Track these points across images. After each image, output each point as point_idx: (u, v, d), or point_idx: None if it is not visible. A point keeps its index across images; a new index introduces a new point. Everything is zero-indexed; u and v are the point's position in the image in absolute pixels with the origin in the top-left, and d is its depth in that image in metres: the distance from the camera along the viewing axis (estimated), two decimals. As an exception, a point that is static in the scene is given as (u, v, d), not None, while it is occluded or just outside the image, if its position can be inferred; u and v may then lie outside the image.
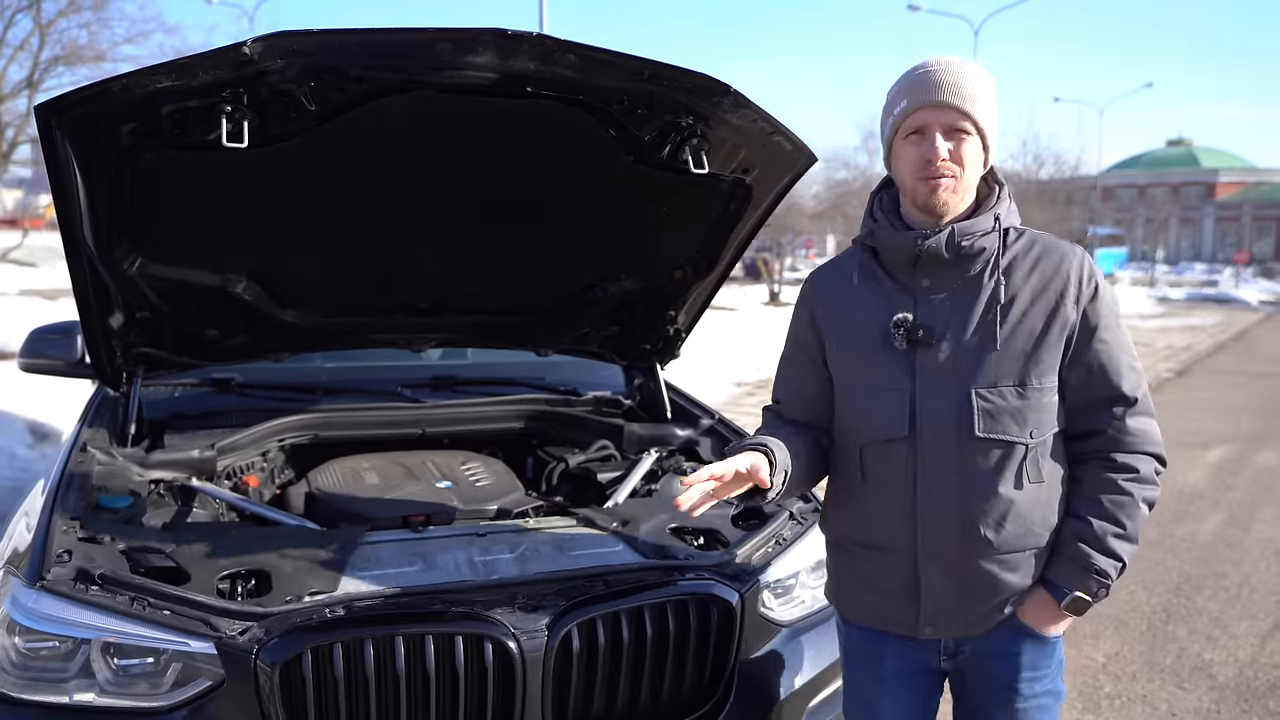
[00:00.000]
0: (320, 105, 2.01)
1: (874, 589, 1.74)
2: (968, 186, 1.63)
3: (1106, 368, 1.63)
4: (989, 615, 1.68)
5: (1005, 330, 1.60)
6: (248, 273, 2.58)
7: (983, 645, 1.71)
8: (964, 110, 1.58)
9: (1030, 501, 1.63)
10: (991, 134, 1.64)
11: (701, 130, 2.23)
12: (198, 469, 2.55)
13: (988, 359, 1.60)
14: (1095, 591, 1.64)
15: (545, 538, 2.23)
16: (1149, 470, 1.65)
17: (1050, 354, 1.61)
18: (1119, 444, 1.64)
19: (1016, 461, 1.61)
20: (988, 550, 1.63)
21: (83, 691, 1.74)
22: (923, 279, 1.65)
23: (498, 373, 3.37)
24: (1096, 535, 1.62)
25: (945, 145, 1.58)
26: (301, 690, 1.73)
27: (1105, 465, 1.65)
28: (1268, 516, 5.75)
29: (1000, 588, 1.66)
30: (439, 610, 1.83)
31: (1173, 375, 12.06)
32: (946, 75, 1.59)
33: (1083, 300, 1.62)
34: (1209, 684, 3.55)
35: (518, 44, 1.89)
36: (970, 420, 1.60)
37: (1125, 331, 1.67)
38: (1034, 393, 1.61)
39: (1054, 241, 1.68)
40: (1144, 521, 1.66)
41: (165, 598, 1.79)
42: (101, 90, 1.86)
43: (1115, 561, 1.63)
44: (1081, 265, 1.64)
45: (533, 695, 1.81)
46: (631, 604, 1.92)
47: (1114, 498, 1.63)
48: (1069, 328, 1.62)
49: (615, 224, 2.67)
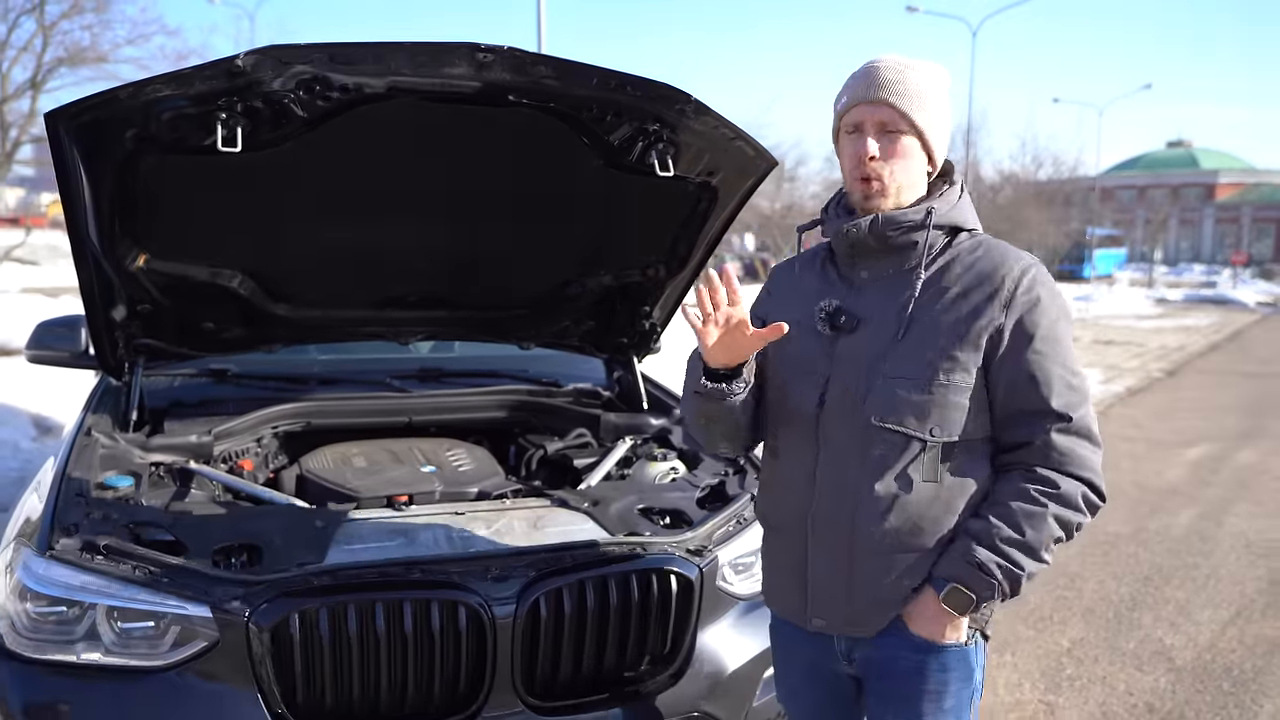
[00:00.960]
0: (309, 112, 2.16)
1: (775, 569, 1.76)
2: (901, 185, 1.61)
3: (1037, 379, 1.55)
4: (871, 614, 1.63)
5: (922, 324, 1.57)
6: (242, 268, 2.74)
7: (876, 653, 1.65)
8: (899, 109, 1.56)
9: (920, 500, 1.57)
10: (934, 135, 1.60)
11: (667, 136, 2.38)
12: (195, 453, 2.70)
13: (898, 350, 1.58)
14: (975, 588, 1.54)
15: (520, 516, 2.38)
16: (1072, 490, 1.55)
17: (965, 354, 1.56)
18: (1045, 459, 1.56)
19: (911, 456, 1.57)
20: (869, 542, 1.59)
21: (89, 652, 1.89)
22: (861, 270, 1.66)
23: (483, 365, 3.52)
24: (988, 531, 1.55)
25: (875, 144, 1.57)
26: (290, 650, 1.88)
27: (1023, 475, 1.57)
28: (1242, 511, 5.88)
29: (882, 585, 1.60)
30: (417, 579, 1.97)
31: (1163, 375, 12.17)
32: (888, 73, 1.57)
33: (1017, 307, 1.55)
34: (1167, 666, 3.70)
35: (490, 56, 2.04)
36: (872, 408, 1.58)
37: (1070, 349, 1.59)
38: (939, 389, 1.55)
39: (1003, 248, 1.62)
40: (1052, 538, 1.55)
41: (165, 567, 1.93)
42: (107, 99, 2.01)
43: (1001, 560, 1.53)
44: (1022, 273, 1.57)
45: (503, 656, 1.96)
46: (596, 574, 2.07)
47: (1021, 505, 1.54)
48: (991, 330, 1.55)
49: (591, 224, 2.82)
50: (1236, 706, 3.38)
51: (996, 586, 1.54)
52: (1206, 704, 3.40)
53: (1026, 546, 1.54)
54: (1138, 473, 6.86)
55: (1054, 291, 1.59)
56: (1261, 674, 3.63)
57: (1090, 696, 3.45)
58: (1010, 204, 31.06)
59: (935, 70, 1.63)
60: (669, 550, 2.19)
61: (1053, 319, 1.57)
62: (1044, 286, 1.58)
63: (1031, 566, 1.55)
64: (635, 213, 2.74)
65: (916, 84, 1.58)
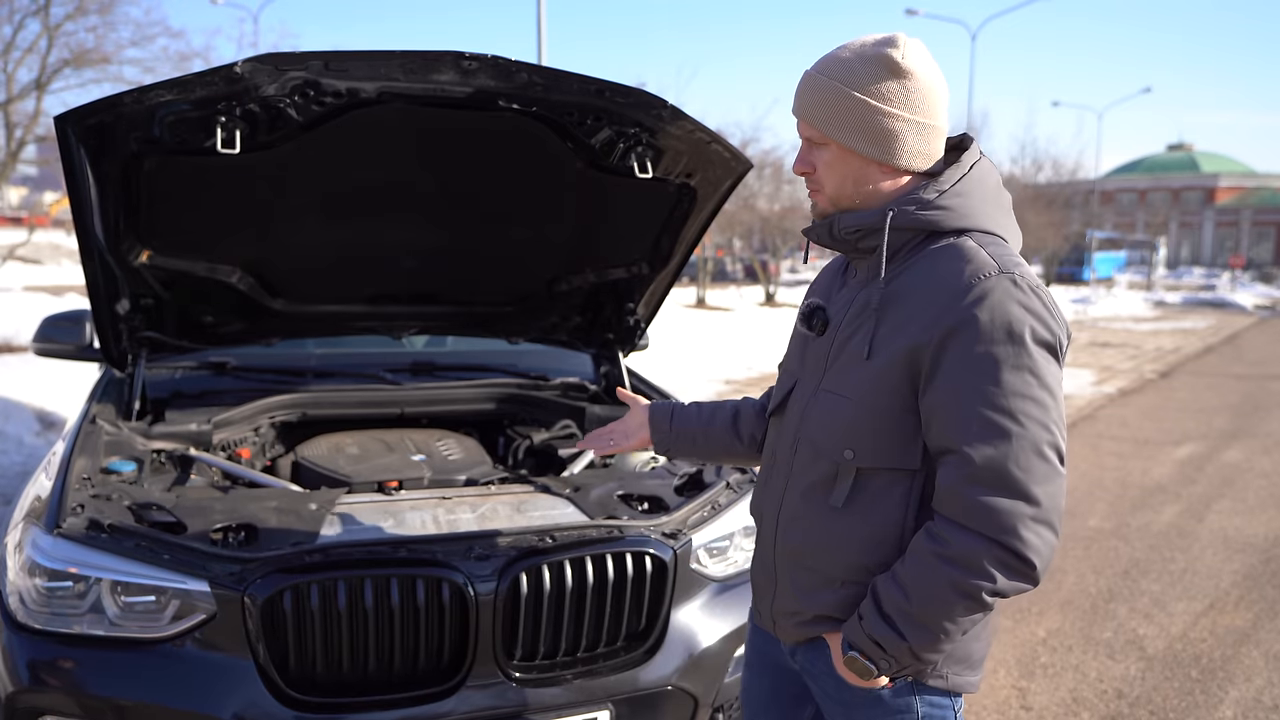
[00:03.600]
0: (304, 116, 2.28)
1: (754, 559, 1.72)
2: (842, 192, 1.49)
3: (951, 412, 1.34)
4: (788, 622, 1.58)
5: (858, 337, 1.47)
6: (241, 264, 2.86)
7: (808, 663, 1.59)
8: (804, 120, 1.49)
9: (827, 524, 1.47)
10: (855, 139, 1.43)
11: (646, 140, 2.50)
12: (195, 441, 2.82)
13: (839, 362, 1.49)
14: (875, 661, 1.39)
15: (504, 501, 2.49)
16: (968, 552, 1.31)
17: (895, 374, 1.39)
18: (948, 509, 1.34)
19: (824, 475, 1.48)
20: (784, 552, 1.56)
21: (94, 625, 2.00)
22: (854, 270, 1.58)
23: (473, 359, 3.63)
24: (881, 598, 1.39)
25: (802, 156, 1.52)
26: (283, 622, 1.99)
27: (927, 528, 1.38)
28: (1223, 508, 5.98)
29: (794, 597, 1.55)
30: (403, 557, 2.08)
31: (1157, 376, 12.26)
32: (801, 85, 1.49)
33: (952, 326, 1.34)
34: (1139, 655, 3.81)
35: (475, 64, 2.16)
36: (804, 417, 1.54)
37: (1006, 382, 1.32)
38: (863, 410, 1.42)
39: (969, 258, 1.38)
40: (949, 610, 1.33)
41: (165, 545, 2.03)
42: (113, 103, 2.13)
43: (896, 638, 1.36)
44: (970, 287, 1.34)
45: (485, 631, 2.06)
46: (574, 555, 2.17)
47: (914, 568, 1.36)
48: (925, 351, 1.36)
49: (577, 223, 2.94)
50: (1203, 693, 3.49)
51: (894, 664, 1.39)
52: (1174, 690, 3.51)
53: (916, 621, 1.35)
54: (1124, 470, 6.97)
55: (1006, 313, 1.32)
56: (1229, 662, 3.74)
57: (1062, 683, 3.56)
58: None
59: (840, 75, 1.42)
60: (645, 533, 2.29)
61: (991, 342, 1.32)
62: (995, 306, 1.32)
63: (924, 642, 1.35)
64: (619, 213, 2.86)
65: (812, 95, 1.45)
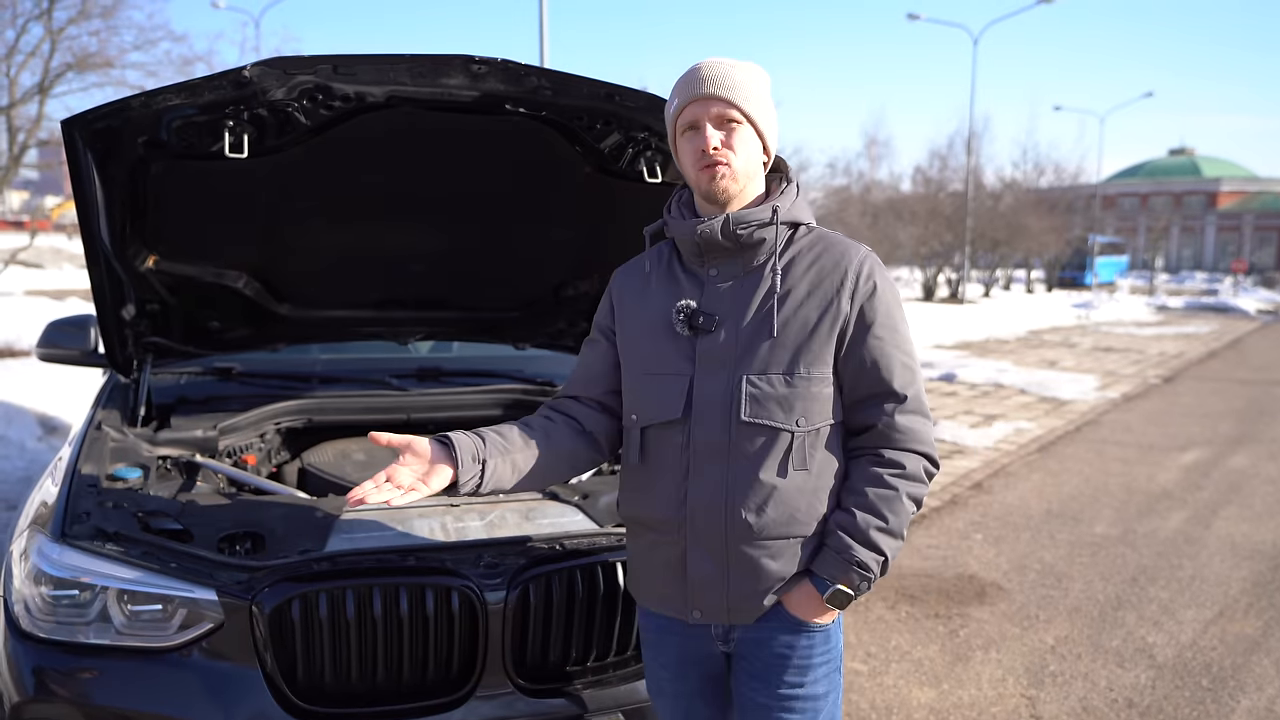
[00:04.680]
0: (312, 120, 2.26)
1: (651, 568, 1.78)
2: (747, 174, 1.68)
3: (879, 363, 1.66)
4: (752, 602, 1.70)
5: (780, 320, 1.65)
6: (247, 269, 2.84)
7: (752, 633, 1.72)
8: (729, 100, 1.63)
9: (794, 489, 1.65)
10: (765, 124, 1.68)
11: (655, 144, 2.48)
12: (201, 447, 2.80)
13: (761, 347, 1.65)
14: (857, 584, 1.65)
15: (512, 508, 2.47)
16: (916, 467, 1.67)
17: (821, 345, 1.65)
18: (889, 440, 1.67)
19: (782, 449, 1.65)
20: (748, 534, 1.65)
21: (100, 634, 1.97)
22: (710, 268, 1.71)
23: (479, 365, 3.61)
24: (859, 527, 1.64)
25: (717, 135, 1.64)
26: (291, 632, 1.96)
27: (873, 460, 1.67)
28: (1230, 514, 5.96)
29: (762, 574, 1.68)
30: (412, 565, 2.05)
31: (1160, 381, 12.25)
32: (712, 71, 1.64)
33: (859, 296, 1.65)
34: (1149, 663, 3.78)
35: (484, 68, 2.14)
36: (739, 405, 1.64)
37: (905, 332, 1.70)
38: (801, 381, 1.64)
39: (840, 240, 1.72)
40: (909, 517, 1.68)
41: (172, 553, 2.01)
42: (120, 107, 2.11)
43: (876, 555, 1.64)
44: (861, 263, 1.67)
45: (494, 640, 2.04)
46: (584, 563, 2.15)
47: (879, 491, 1.65)
48: (841, 321, 1.65)
49: (584, 228, 2.92)
50: (1214, 702, 3.46)
51: (874, 579, 1.66)
52: (1185, 699, 3.48)
53: (890, 532, 1.65)
54: (1129, 476, 6.94)
55: (888, 279, 1.70)
56: (1240, 671, 3.72)
57: (1072, 692, 3.53)
58: (1011, 211, 31.13)
59: (756, 68, 1.70)
60: None
61: (889, 304, 1.68)
62: (880, 275, 1.69)
63: (895, 549, 1.67)
64: (627, 218, 2.82)
65: (741, 78, 1.65)
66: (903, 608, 4.33)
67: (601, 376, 1.85)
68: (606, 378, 1.85)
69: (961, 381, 11.67)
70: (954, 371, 12.14)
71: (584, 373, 1.89)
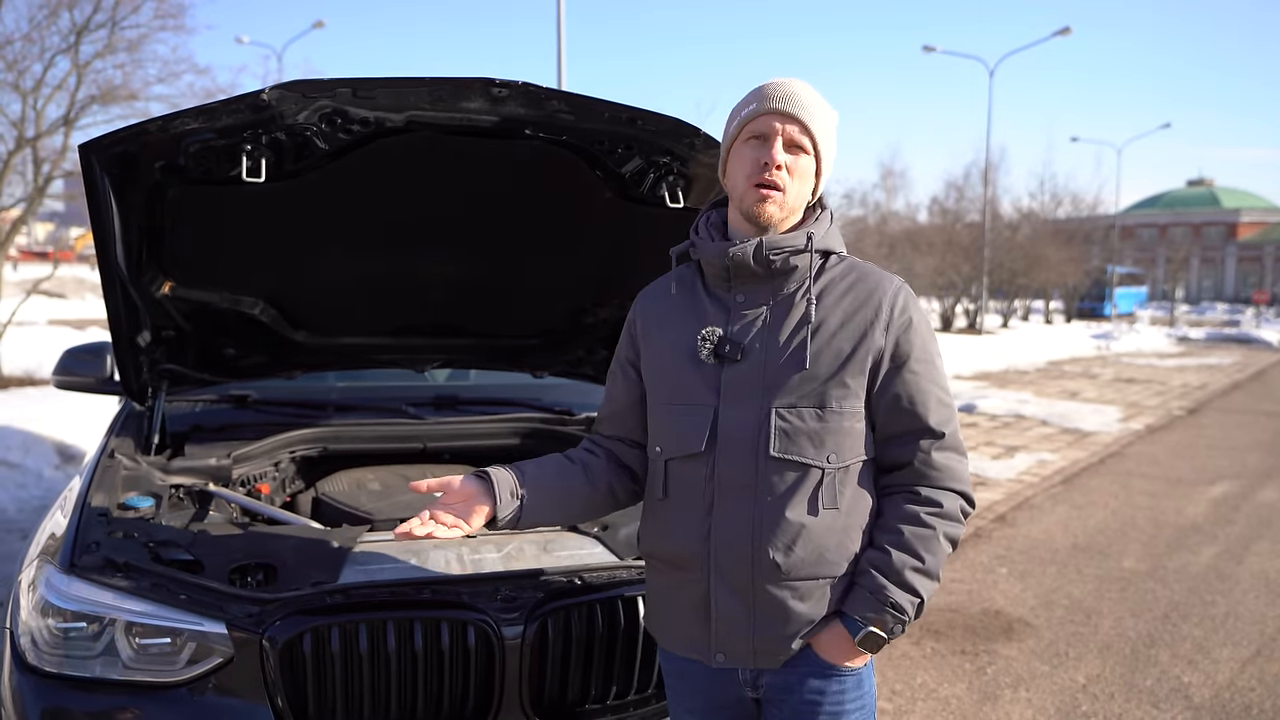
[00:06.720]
0: (331, 145, 2.24)
1: (672, 607, 1.70)
2: (793, 206, 1.63)
3: (915, 399, 1.60)
4: (778, 645, 1.61)
5: (812, 352, 1.58)
6: (264, 296, 2.81)
7: (781, 679, 1.63)
8: (807, 126, 1.59)
9: (824, 528, 1.57)
10: (826, 160, 1.64)
11: (677, 169, 2.44)
12: (214, 476, 2.75)
13: (792, 379, 1.58)
14: (890, 627, 1.57)
15: (530, 539, 2.41)
16: (953, 506, 1.61)
17: (854, 379, 1.58)
18: (924, 478, 1.60)
19: (812, 485, 1.57)
20: (776, 574, 1.57)
21: (108, 668, 1.92)
22: (738, 294, 1.64)
23: (497, 393, 3.56)
24: (894, 566, 1.56)
25: (784, 155, 1.58)
26: (302, 667, 1.91)
27: (909, 498, 1.60)
28: (1263, 550, 5.81)
29: (790, 616, 1.59)
30: (427, 598, 2.00)
31: (1184, 413, 12.07)
32: (800, 92, 1.60)
33: (894, 329, 1.60)
34: (1185, 704, 3.65)
35: (505, 91, 2.11)
36: (767, 439, 1.57)
37: (940, 366, 1.65)
38: (834, 416, 1.57)
39: (872, 270, 1.66)
40: (945, 557, 1.61)
41: (182, 584, 1.96)
42: (137, 132, 2.09)
43: (912, 596, 1.57)
44: (895, 295, 1.62)
45: (511, 676, 1.98)
46: (604, 597, 2.09)
47: (915, 530, 1.58)
48: (875, 355, 1.59)
49: (603, 254, 2.88)
50: (1255, 744, 3.34)
51: (908, 621, 1.59)
52: (1224, 742, 3.36)
53: (927, 573, 1.58)
54: (1156, 509, 6.80)
55: (922, 311, 1.66)
56: (1281, 712, 3.59)
57: (1105, 733, 3.42)
58: (1029, 241, 31.03)
59: (831, 108, 1.66)
60: None
61: (924, 338, 1.63)
62: (915, 308, 1.64)
63: (931, 590, 1.60)
64: (648, 243, 2.79)
65: (820, 110, 1.62)
66: (928, 643, 4.22)
67: (627, 411, 1.80)
68: (632, 412, 1.80)
69: (982, 412, 11.54)
70: (974, 402, 12.02)
71: (610, 408, 1.84)
